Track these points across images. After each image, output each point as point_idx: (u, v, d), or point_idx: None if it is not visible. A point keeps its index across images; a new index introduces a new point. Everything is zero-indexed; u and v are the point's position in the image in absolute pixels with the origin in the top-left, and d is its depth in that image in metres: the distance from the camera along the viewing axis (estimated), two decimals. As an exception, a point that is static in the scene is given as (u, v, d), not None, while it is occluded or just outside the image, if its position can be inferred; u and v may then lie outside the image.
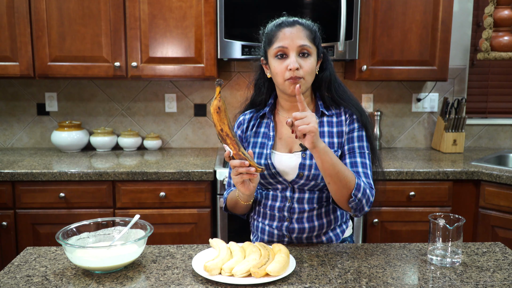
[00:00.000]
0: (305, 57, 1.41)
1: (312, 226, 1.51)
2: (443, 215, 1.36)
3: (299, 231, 1.51)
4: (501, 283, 1.23)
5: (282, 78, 1.42)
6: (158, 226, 2.44)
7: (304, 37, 1.41)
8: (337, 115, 1.52)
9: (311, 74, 1.44)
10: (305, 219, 1.50)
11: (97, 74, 2.67)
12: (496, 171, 2.47)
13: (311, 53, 1.42)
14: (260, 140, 1.55)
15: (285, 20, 1.45)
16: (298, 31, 1.41)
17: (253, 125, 1.58)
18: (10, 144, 3.10)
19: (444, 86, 3.15)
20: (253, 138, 1.56)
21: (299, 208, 1.50)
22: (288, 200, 1.50)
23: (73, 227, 1.38)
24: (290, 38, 1.40)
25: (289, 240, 1.53)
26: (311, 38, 1.43)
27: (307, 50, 1.41)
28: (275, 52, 1.43)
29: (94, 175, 2.44)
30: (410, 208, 2.54)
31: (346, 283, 1.23)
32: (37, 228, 2.47)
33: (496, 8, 2.68)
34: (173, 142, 3.15)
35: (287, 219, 1.51)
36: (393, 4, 2.69)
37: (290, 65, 1.39)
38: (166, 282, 1.23)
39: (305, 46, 1.40)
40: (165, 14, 2.62)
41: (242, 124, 1.61)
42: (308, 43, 1.41)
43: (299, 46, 1.40)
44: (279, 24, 1.45)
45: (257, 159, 1.51)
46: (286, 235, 1.52)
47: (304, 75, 1.41)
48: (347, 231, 1.61)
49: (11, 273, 1.28)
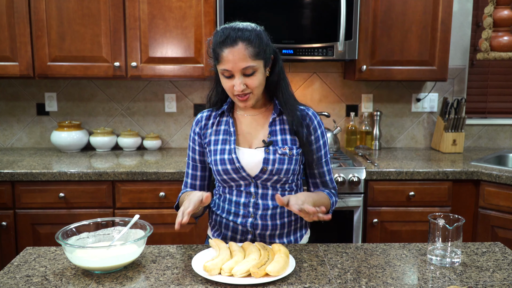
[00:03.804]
0: (251, 75, 1.44)
1: (275, 224, 1.55)
2: (442, 215, 1.36)
3: (263, 228, 1.54)
4: (501, 283, 1.23)
5: (231, 93, 1.48)
6: (158, 226, 2.43)
7: (247, 56, 1.41)
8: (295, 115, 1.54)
9: (259, 86, 1.47)
10: (268, 216, 1.54)
11: (97, 74, 2.67)
12: (496, 171, 2.47)
13: (256, 69, 1.44)
14: (222, 137, 1.57)
15: (227, 38, 1.41)
16: (240, 52, 1.40)
17: (212, 123, 1.60)
18: (9, 144, 3.10)
19: (443, 86, 3.15)
20: (214, 136, 1.58)
21: (264, 205, 1.54)
22: (253, 196, 1.54)
23: (72, 227, 1.38)
24: (233, 61, 1.41)
25: (252, 237, 1.57)
26: (254, 54, 1.42)
27: (252, 69, 1.43)
28: (221, 72, 1.46)
29: (93, 175, 2.44)
30: (409, 208, 2.54)
31: (346, 283, 1.23)
32: (37, 228, 2.47)
33: (495, 8, 2.69)
34: (172, 142, 3.15)
35: (251, 215, 1.54)
36: (393, 4, 2.69)
37: (235, 87, 1.44)
38: (166, 282, 1.23)
39: (248, 67, 1.42)
40: (164, 14, 2.62)
41: (200, 121, 1.62)
42: (251, 63, 1.42)
43: (243, 69, 1.42)
44: (222, 42, 1.42)
45: (221, 155, 1.53)
46: (250, 231, 1.55)
47: (252, 90, 1.46)
48: (304, 239, 1.64)
49: (11, 273, 1.28)
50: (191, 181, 1.66)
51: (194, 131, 1.61)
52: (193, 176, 1.65)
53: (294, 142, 1.53)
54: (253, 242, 1.55)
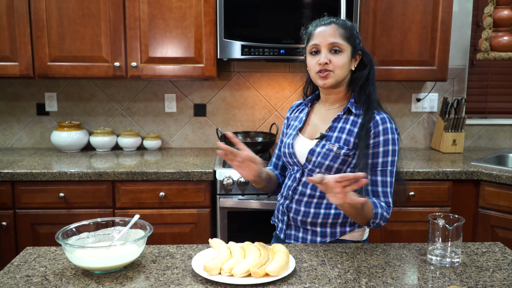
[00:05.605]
0: (337, 53, 1.52)
1: (308, 212, 1.57)
2: (442, 215, 1.36)
3: (295, 212, 1.60)
4: (501, 283, 1.23)
5: (314, 71, 1.55)
6: (158, 226, 2.44)
7: (337, 35, 1.52)
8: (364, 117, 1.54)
9: (342, 68, 1.52)
10: (303, 203, 1.59)
11: (97, 74, 2.67)
12: (496, 171, 2.47)
13: (343, 50, 1.52)
14: (295, 123, 1.70)
15: (322, 20, 1.57)
16: (332, 30, 1.52)
17: (298, 110, 1.75)
18: (9, 144, 3.10)
19: (443, 86, 3.15)
20: (293, 122, 1.73)
21: (301, 191, 1.59)
22: (297, 181, 1.61)
23: (72, 227, 1.38)
24: (323, 36, 1.52)
25: (287, 219, 1.63)
26: (345, 36, 1.52)
27: (338, 47, 1.51)
28: (309, 49, 1.56)
29: (93, 175, 2.44)
30: (409, 208, 2.54)
31: (346, 283, 1.23)
32: (37, 228, 2.47)
33: (495, 8, 2.69)
34: (172, 142, 3.15)
35: (289, 198, 1.62)
36: (393, 4, 2.69)
37: (320, 60, 1.51)
38: (166, 282, 1.23)
39: (336, 43, 1.51)
40: (164, 14, 2.62)
41: (291, 108, 1.79)
42: (340, 41, 1.51)
43: (330, 43, 1.51)
44: (316, 24, 1.57)
45: (287, 138, 1.66)
46: (285, 213, 1.63)
47: (333, 69, 1.51)
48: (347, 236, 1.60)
49: (11, 273, 1.28)
50: (276, 160, 1.80)
51: (287, 116, 1.78)
52: (278, 156, 1.79)
53: (347, 142, 1.53)
54: (288, 225, 1.64)
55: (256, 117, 3.11)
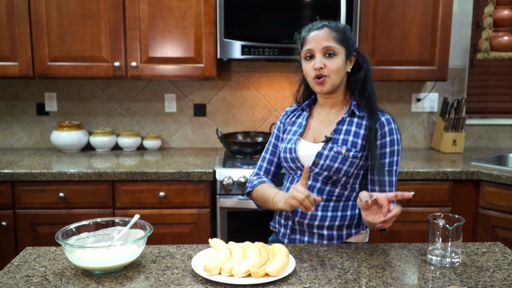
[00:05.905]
0: (331, 57, 1.52)
1: (314, 215, 1.56)
2: (442, 215, 1.36)
3: (301, 215, 1.58)
4: (501, 283, 1.23)
5: (311, 77, 1.55)
6: (158, 226, 2.43)
7: (331, 38, 1.52)
8: (369, 118, 1.55)
9: (337, 72, 1.53)
10: None
11: (97, 74, 2.67)
12: (496, 171, 2.47)
13: (337, 53, 1.52)
14: (294, 128, 1.68)
15: (314, 25, 1.57)
16: (325, 34, 1.53)
17: (294, 115, 1.72)
18: (9, 144, 3.10)
19: (443, 86, 3.15)
20: (290, 127, 1.70)
21: None
22: None
23: (72, 227, 1.38)
24: (316, 40, 1.52)
25: (292, 224, 1.61)
26: (338, 39, 1.53)
27: (332, 51, 1.52)
28: (304, 55, 1.56)
29: (93, 175, 2.44)
30: (409, 208, 2.54)
31: (346, 283, 1.23)
32: (37, 228, 2.47)
33: (495, 8, 2.68)
34: (172, 142, 3.15)
35: None
36: (393, 4, 2.69)
37: (315, 65, 1.52)
38: (166, 282, 1.23)
39: (329, 47, 1.51)
40: (164, 14, 2.62)
41: (285, 114, 1.76)
42: (334, 44, 1.52)
43: (324, 48, 1.51)
44: (309, 29, 1.57)
45: (286, 144, 1.64)
46: (290, 217, 1.61)
47: (328, 74, 1.52)
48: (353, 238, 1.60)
49: (11, 273, 1.28)
50: (267, 165, 1.74)
51: (281, 120, 1.75)
52: (269, 161, 1.74)
53: (354, 144, 1.54)
54: (293, 230, 1.62)
55: (256, 117, 3.11)
